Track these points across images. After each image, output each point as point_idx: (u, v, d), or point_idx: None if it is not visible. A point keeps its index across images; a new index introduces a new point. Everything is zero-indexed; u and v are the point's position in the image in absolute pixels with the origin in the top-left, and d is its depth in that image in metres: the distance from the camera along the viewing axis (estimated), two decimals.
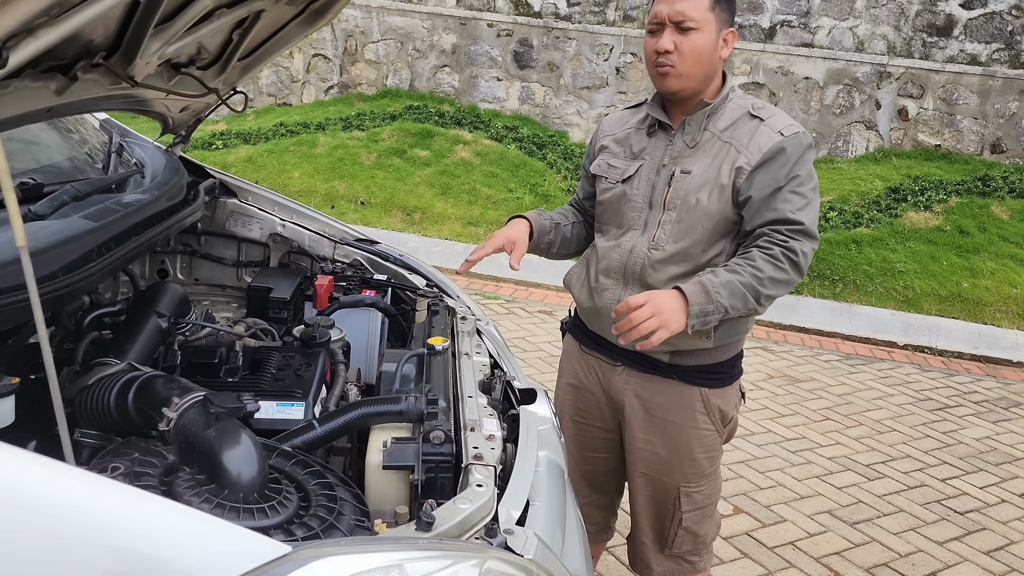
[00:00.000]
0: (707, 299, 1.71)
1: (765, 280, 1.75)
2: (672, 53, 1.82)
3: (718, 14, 1.83)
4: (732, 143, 1.86)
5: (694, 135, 1.90)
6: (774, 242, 1.79)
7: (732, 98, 1.92)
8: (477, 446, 1.39)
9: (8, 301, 1.13)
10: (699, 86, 1.87)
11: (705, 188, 1.86)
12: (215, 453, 1.12)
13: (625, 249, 1.93)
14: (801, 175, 1.83)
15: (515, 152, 7.84)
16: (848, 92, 7.86)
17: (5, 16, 0.74)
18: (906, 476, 3.82)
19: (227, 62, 2.04)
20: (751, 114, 1.88)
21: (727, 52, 1.87)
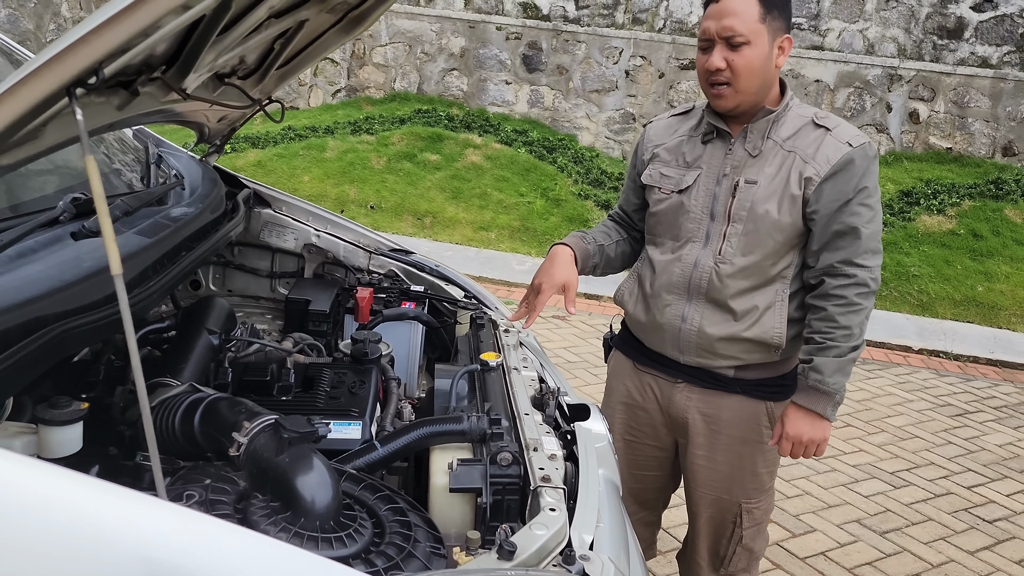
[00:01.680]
0: (828, 398, 1.81)
1: (855, 331, 1.80)
2: (724, 71, 1.77)
3: (769, 24, 1.77)
4: (796, 152, 1.82)
5: (756, 144, 1.85)
6: (844, 284, 1.80)
7: (792, 106, 1.87)
8: (543, 467, 1.35)
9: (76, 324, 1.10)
10: (756, 99, 1.82)
11: (773, 199, 1.82)
12: (290, 480, 1.09)
13: (688, 263, 1.89)
14: (869, 186, 1.81)
15: (525, 156, 7.81)
16: (859, 95, 7.84)
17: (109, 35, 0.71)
18: (932, 484, 3.80)
19: (266, 71, 2.01)
20: (815, 123, 1.83)
21: (783, 60, 1.82)
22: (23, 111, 0.73)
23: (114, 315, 1.19)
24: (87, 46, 0.71)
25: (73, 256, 1.25)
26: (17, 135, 0.78)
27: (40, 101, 0.74)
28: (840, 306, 1.79)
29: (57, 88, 0.73)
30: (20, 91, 0.72)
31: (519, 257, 6.71)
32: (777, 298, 1.87)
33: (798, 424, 1.83)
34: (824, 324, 1.81)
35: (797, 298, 1.89)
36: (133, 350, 0.79)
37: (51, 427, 1.08)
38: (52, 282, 1.13)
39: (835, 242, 1.80)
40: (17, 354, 0.99)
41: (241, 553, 0.82)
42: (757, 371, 1.91)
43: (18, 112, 0.73)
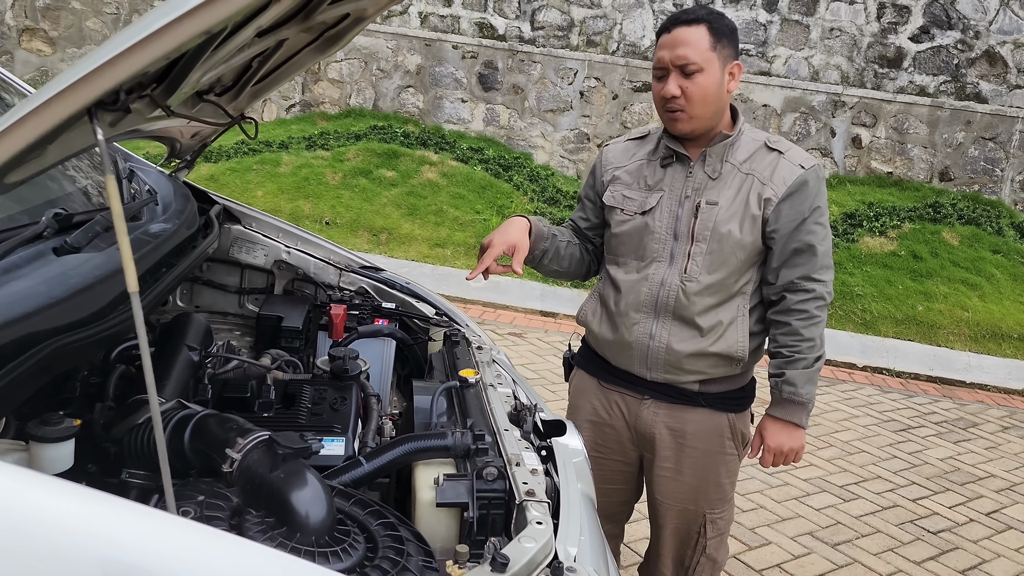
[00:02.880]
0: (802, 407, 1.92)
1: (818, 342, 1.92)
2: (679, 98, 1.86)
3: (720, 51, 1.86)
4: (754, 174, 1.91)
5: (715, 167, 1.94)
6: (805, 299, 1.90)
7: (744, 131, 1.98)
8: (527, 481, 1.38)
9: (69, 341, 1.10)
10: (710, 123, 1.92)
11: (735, 219, 1.90)
12: (285, 495, 1.10)
13: (654, 282, 1.96)
14: (821, 206, 1.93)
15: (481, 174, 7.87)
16: (804, 120, 8.09)
17: (135, 58, 0.72)
18: (879, 497, 3.92)
19: (241, 89, 2.02)
20: (768, 146, 1.94)
21: (735, 84, 1.92)
22: (45, 131, 0.74)
23: (104, 331, 1.18)
24: (112, 69, 0.72)
25: (59, 272, 1.24)
26: (33, 153, 0.79)
27: (62, 121, 0.75)
28: (803, 320, 1.90)
29: (80, 109, 0.74)
30: (44, 112, 0.73)
31: None
32: (739, 313, 1.95)
33: (777, 436, 1.95)
34: (790, 338, 1.91)
35: (756, 312, 1.98)
36: (148, 368, 0.80)
37: (43, 444, 1.07)
38: (42, 299, 1.12)
39: (793, 259, 1.91)
40: (13, 372, 0.98)
41: (200, 550, 0.83)
42: (720, 384, 1.99)
43: (41, 131, 0.74)
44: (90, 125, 0.83)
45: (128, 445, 1.25)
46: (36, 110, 0.73)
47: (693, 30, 1.85)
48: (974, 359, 6.17)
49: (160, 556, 0.80)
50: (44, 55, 8.98)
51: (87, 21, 8.93)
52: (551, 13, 8.46)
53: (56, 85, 0.73)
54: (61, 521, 0.79)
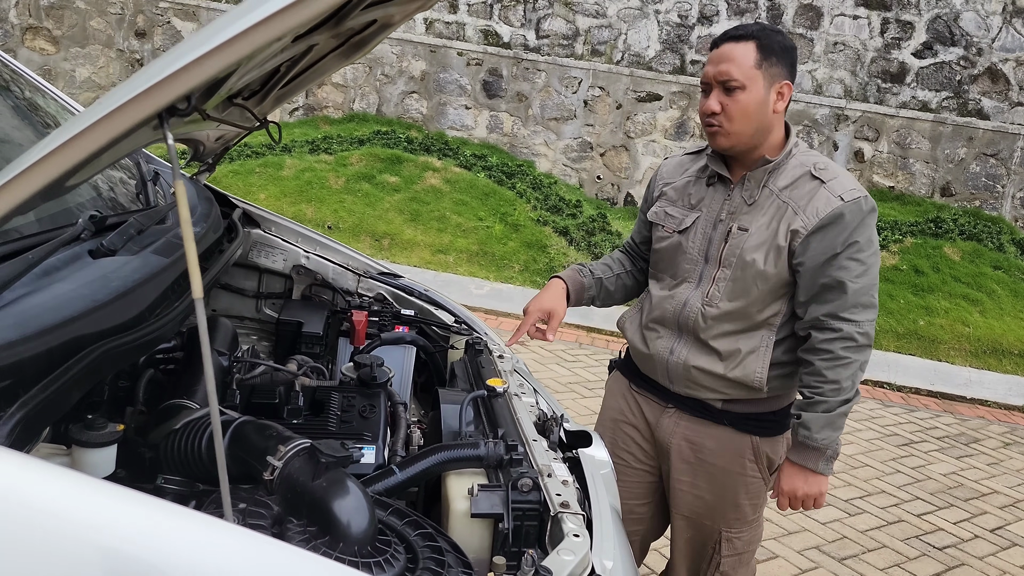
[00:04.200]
0: (819, 454, 1.82)
1: (843, 384, 1.80)
2: (719, 114, 1.83)
3: (766, 70, 1.82)
4: (790, 204, 1.86)
5: (752, 192, 1.90)
6: (831, 339, 1.80)
7: (795, 154, 1.90)
8: (560, 492, 1.38)
9: (115, 344, 1.09)
10: (752, 142, 1.87)
11: (761, 248, 1.86)
12: (327, 504, 1.09)
13: (679, 301, 1.95)
14: (860, 241, 1.82)
15: (484, 180, 7.87)
16: (808, 133, 8.12)
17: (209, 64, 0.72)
18: (884, 512, 3.92)
19: (267, 93, 2.01)
20: (812, 174, 1.86)
21: (783, 105, 1.87)
22: (114, 136, 0.74)
23: (148, 335, 1.18)
24: (188, 74, 0.72)
25: (100, 275, 1.23)
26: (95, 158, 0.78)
27: (132, 127, 0.74)
28: (827, 360, 1.81)
29: (150, 114, 0.74)
30: (117, 117, 0.72)
31: (477, 281, 6.73)
32: (762, 343, 1.90)
33: (792, 480, 1.87)
34: (812, 379, 1.84)
35: (786, 343, 1.92)
36: (209, 375, 0.79)
37: (86, 449, 1.06)
38: (86, 302, 1.12)
39: (822, 295, 1.83)
40: (63, 376, 0.97)
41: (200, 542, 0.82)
42: (745, 405, 1.96)
43: (110, 137, 0.73)
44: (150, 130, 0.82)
45: (165, 451, 1.24)
46: (109, 116, 0.72)
47: (740, 46, 1.81)
48: (975, 374, 6.18)
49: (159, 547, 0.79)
50: (47, 54, 8.96)
51: (91, 21, 8.91)
52: (556, 22, 8.48)
53: (129, 90, 0.73)
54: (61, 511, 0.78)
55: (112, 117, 0.73)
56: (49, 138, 0.76)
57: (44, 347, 1.00)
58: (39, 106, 2.05)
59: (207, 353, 0.79)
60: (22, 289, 1.11)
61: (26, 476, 0.78)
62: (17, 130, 1.91)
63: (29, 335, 1.00)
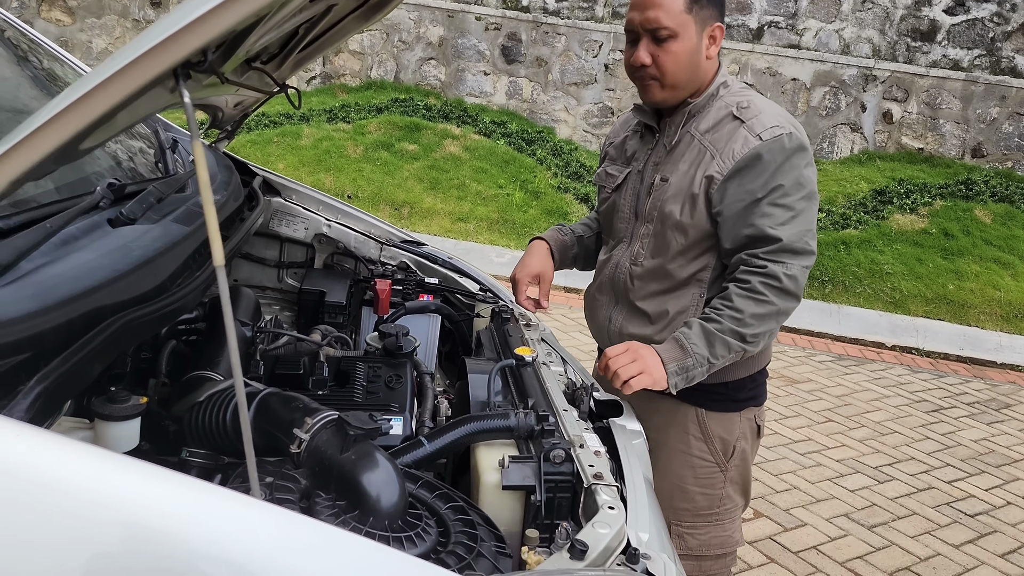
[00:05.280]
0: (683, 353, 1.61)
1: (747, 319, 1.60)
2: (650, 66, 1.67)
3: (697, 13, 1.65)
4: (708, 148, 1.70)
5: (671, 138, 1.76)
6: (751, 271, 1.63)
7: (723, 95, 1.73)
8: (593, 464, 1.34)
9: (137, 315, 1.06)
10: (686, 92, 1.73)
11: (678, 198, 1.71)
12: (356, 478, 1.06)
13: (613, 264, 1.86)
14: (784, 184, 1.63)
15: (504, 147, 7.78)
16: (834, 94, 7.95)
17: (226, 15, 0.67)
18: (914, 479, 3.87)
19: (286, 57, 1.96)
20: (733, 114, 1.69)
21: (715, 50, 1.71)
22: (129, 93, 0.69)
23: (171, 305, 1.14)
24: (204, 25, 0.67)
25: (120, 244, 1.20)
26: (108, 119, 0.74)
27: (147, 82, 0.70)
28: (741, 288, 1.63)
29: (165, 70, 0.70)
30: (130, 73, 0.68)
31: (498, 249, 6.69)
32: (692, 303, 1.76)
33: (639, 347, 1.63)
34: (718, 301, 1.67)
35: None
36: (233, 346, 0.76)
37: (109, 422, 1.03)
38: (107, 272, 1.08)
39: (746, 245, 1.66)
40: (86, 347, 0.94)
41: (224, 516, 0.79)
42: None
43: (125, 94, 0.69)
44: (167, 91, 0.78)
45: (189, 423, 1.21)
46: (121, 71, 0.68)
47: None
48: (1005, 339, 6.08)
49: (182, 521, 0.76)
50: (63, 25, 8.93)
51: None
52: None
53: (142, 44, 0.68)
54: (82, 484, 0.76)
55: (125, 73, 0.68)
56: (59, 97, 0.72)
57: (64, 318, 0.97)
58: (59, 76, 2.01)
59: (230, 323, 0.75)
60: (41, 259, 1.07)
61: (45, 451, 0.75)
62: (37, 100, 1.87)
63: (49, 306, 0.97)
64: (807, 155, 1.68)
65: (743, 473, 1.89)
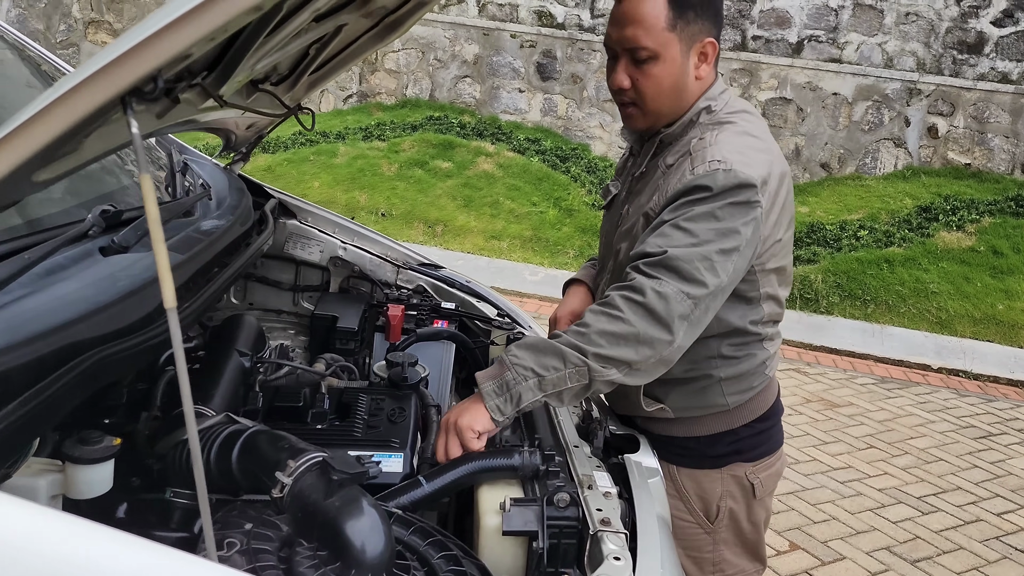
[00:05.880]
0: (500, 368, 1.37)
1: (591, 334, 1.35)
2: (629, 90, 1.49)
3: (682, 29, 1.45)
4: (659, 183, 1.52)
5: (640, 167, 1.60)
6: (619, 285, 1.41)
7: (702, 122, 1.52)
8: (601, 507, 1.26)
9: (115, 350, 1.01)
10: (671, 118, 1.54)
11: (627, 235, 1.56)
12: (340, 526, 0.99)
13: (598, 296, 1.73)
14: (695, 211, 1.40)
15: (538, 165, 7.73)
16: (877, 108, 7.75)
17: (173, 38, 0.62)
18: (960, 510, 3.69)
19: (298, 78, 1.93)
20: (689, 149, 1.49)
21: (707, 68, 1.51)
22: (74, 122, 0.65)
23: (155, 339, 1.10)
24: (148, 50, 0.62)
25: (106, 274, 1.16)
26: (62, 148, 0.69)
27: (93, 111, 0.65)
28: (598, 304, 1.41)
29: (112, 97, 0.64)
30: (72, 100, 0.63)
31: (531, 267, 6.62)
32: None
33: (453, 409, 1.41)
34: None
35: (686, 356, 1.45)
36: (186, 393, 0.70)
37: (79, 465, 0.99)
38: (87, 304, 1.04)
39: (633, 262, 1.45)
40: (52, 386, 0.90)
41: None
42: (661, 426, 1.64)
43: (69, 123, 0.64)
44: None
45: (173, 462, 1.16)
46: (62, 98, 0.63)
47: (648, 2, 1.44)
48: None
49: None
50: None
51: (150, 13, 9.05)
52: (611, 1, 8.25)
53: (85, 70, 0.63)
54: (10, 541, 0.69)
55: (66, 101, 0.63)
56: None
57: (33, 355, 0.92)
58: None
59: (182, 369, 0.69)
60: (20, 291, 1.03)
61: None
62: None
63: (17, 343, 0.92)
64: (744, 193, 1.41)
65: (743, 536, 1.68)
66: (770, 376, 1.67)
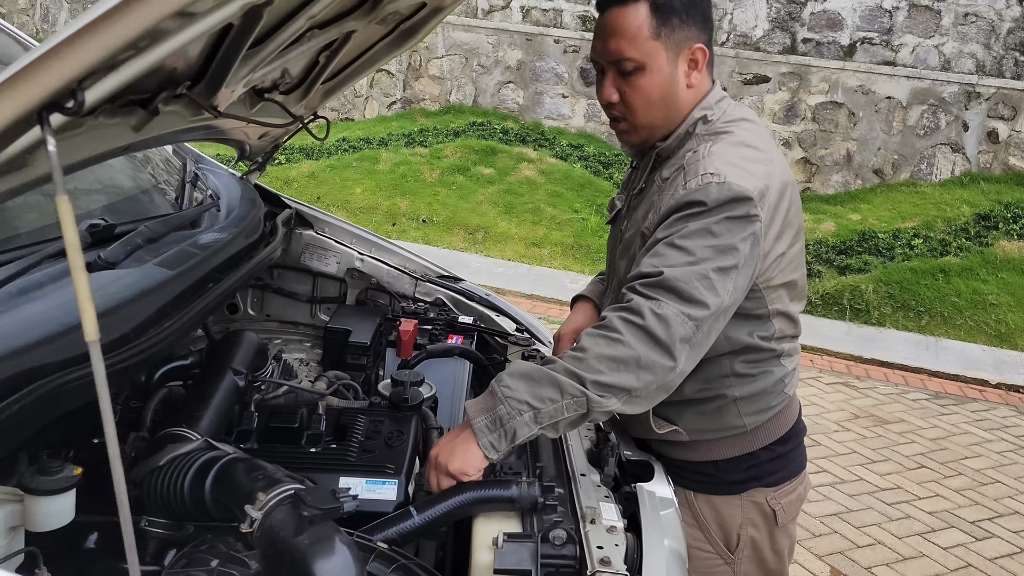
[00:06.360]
0: (493, 401, 1.27)
1: (589, 359, 1.25)
2: (617, 104, 1.44)
3: (667, 37, 1.39)
4: (654, 200, 1.45)
5: (639, 182, 1.54)
6: (615, 307, 1.33)
7: (698, 133, 1.45)
8: (602, 545, 1.18)
9: (75, 376, 0.97)
10: (665, 130, 1.47)
11: (626, 253, 1.50)
12: (308, 566, 0.93)
13: None
14: (689, 227, 1.31)
15: (580, 171, 7.64)
16: (933, 113, 7.47)
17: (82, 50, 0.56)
18: (1017, 536, 3.49)
19: (311, 86, 1.88)
20: (682, 164, 1.42)
21: (699, 76, 1.44)
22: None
23: (122, 362, 1.05)
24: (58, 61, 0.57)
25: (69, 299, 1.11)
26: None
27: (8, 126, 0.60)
28: (595, 328, 1.31)
29: (25, 112, 0.59)
30: None
31: (572, 275, 6.53)
32: None
33: (442, 444, 1.30)
34: None
35: (699, 376, 1.42)
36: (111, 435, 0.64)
37: (38, 497, 0.94)
38: (51, 326, 0.99)
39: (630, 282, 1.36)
40: (3, 412, 0.85)
41: None
42: (677, 450, 1.55)
43: None
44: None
45: (149, 490, 1.11)
46: None
47: (630, 11, 1.37)
48: None
49: None
50: None
51: None
52: None
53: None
54: None
55: None
56: None
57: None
58: None
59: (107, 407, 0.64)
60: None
61: None
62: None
63: None
64: (740, 207, 1.33)
65: (766, 566, 1.59)
66: (789, 395, 1.58)
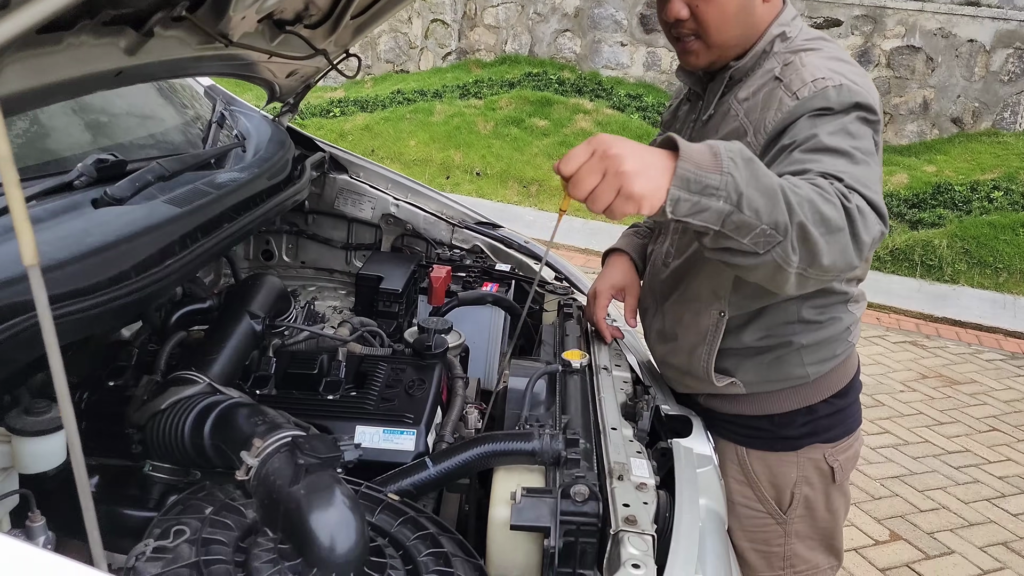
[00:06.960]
0: (714, 163, 1.02)
1: (804, 202, 1.04)
2: (687, 20, 1.31)
3: None
4: (743, 121, 1.32)
5: (708, 108, 1.41)
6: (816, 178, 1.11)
7: (777, 51, 1.33)
8: (628, 503, 1.09)
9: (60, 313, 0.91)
10: (738, 50, 1.35)
11: None
12: (303, 518, 0.87)
13: (652, 260, 1.54)
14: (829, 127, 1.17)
15: (638, 122, 7.41)
16: (1019, 57, 6.99)
17: None
18: None
19: (339, 20, 1.79)
20: (775, 75, 1.29)
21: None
22: None
23: (115, 300, 1.00)
24: None
25: (80, 229, 1.07)
26: None
27: None
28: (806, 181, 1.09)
29: None
30: None
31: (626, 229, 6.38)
32: (710, 321, 1.39)
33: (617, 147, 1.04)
34: None
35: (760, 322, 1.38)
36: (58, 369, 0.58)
37: (24, 438, 0.90)
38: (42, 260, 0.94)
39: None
40: None
41: None
42: (727, 403, 1.47)
43: None
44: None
45: (151, 434, 1.07)
46: None
47: None
48: None
49: None
50: None
51: None
52: None
53: None
54: None
55: None
56: None
57: None
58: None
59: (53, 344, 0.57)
60: None
61: None
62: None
63: None
64: (864, 111, 1.21)
65: (819, 527, 1.50)
66: (853, 344, 1.48)
